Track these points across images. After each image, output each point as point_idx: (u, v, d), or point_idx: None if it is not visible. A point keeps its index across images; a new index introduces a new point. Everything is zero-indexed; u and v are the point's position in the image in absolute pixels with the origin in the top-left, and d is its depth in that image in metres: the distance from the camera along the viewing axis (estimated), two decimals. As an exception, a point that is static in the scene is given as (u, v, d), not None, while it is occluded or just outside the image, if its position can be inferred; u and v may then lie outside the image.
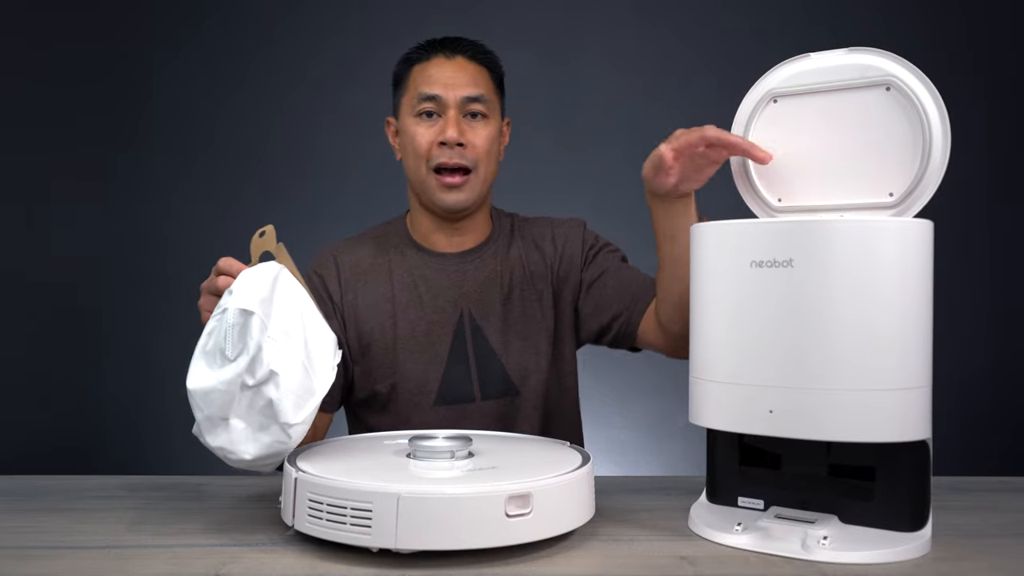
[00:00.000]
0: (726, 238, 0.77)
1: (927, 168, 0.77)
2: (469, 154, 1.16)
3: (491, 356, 1.19)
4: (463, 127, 1.16)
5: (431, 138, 1.16)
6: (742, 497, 0.84)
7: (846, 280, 0.71)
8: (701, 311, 0.80)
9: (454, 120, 1.15)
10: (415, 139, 1.17)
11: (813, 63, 0.84)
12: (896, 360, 0.71)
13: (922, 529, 0.76)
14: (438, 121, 1.17)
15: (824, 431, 0.72)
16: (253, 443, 0.81)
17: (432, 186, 1.17)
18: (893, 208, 0.79)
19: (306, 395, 0.82)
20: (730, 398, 0.77)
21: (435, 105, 1.16)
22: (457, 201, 1.17)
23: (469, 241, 1.24)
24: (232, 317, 0.80)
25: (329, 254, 1.24)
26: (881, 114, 0.80)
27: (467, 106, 1.17)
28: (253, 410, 0.81)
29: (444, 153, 1.15)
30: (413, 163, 1.18)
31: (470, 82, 1.17)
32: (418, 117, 1.17)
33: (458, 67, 1.18)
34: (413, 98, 1.18)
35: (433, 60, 1.19)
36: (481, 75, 1.20)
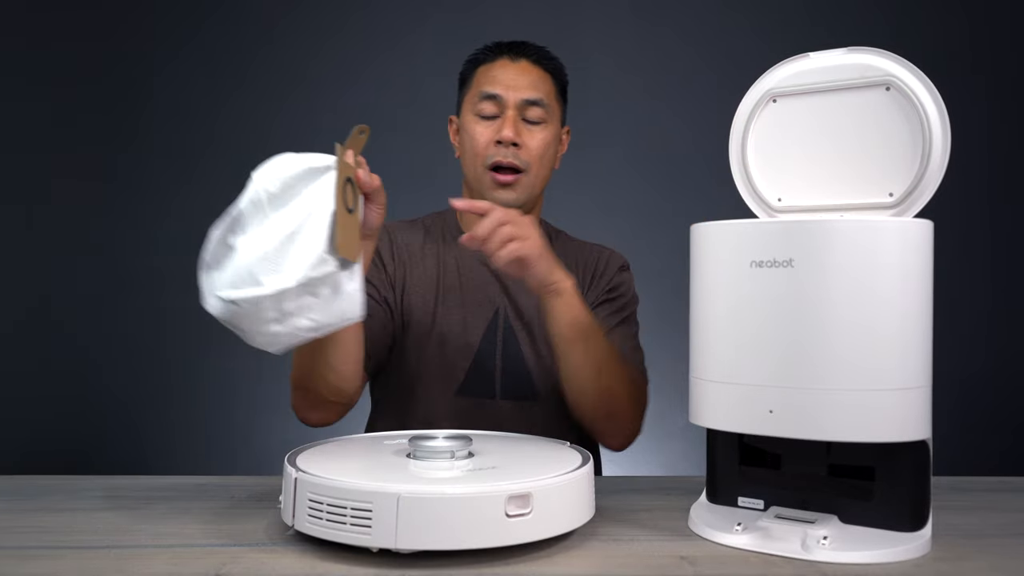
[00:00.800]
0: (726, 238, 0.77)
1: (927, 168, 0.77)
2: (523, 155, 1.18)
3: (518, 357, 1.20)
4: (520, 128, 1.18)
5: (489, 137, 1.19)
6: (742, 497, 0.84)
7: (846, 280, 0.71)
8: (701, 311, 0.80)
9: (512, 120, 1.18)
10: (474, 137, 1.20)
11: (813, 63, 0.84)
12: (896, 360, 0.71)
13: (922, 529, 0.76)
14: (496, 121, 1.19)
15: (824, 431, 0.72)
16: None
17: (486, 183, 1.19)
18: (893, 208, 0.79)
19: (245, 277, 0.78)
20: (730, 398, 0.77)
21: (495, 105, 1.19)
22: (507, 200, 1.19)
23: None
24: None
25: (384, 229, 1.25)
26: (881, 114, 0.80)
27: (526, 109, 1.19)
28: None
29: (499, 152, 1.18)
30: (470, 160, 1.21)
31: (531, 85, 1.20)
32: (478, 116, 1.20)
33: (521, 70, 1.21)
34: (475, 97, 1.20)
35: (498, 62, 1.22)
36: (543, 80, 1.22)
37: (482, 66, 1.23)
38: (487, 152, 1.18)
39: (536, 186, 1.21)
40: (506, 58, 1.22)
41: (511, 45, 1.23)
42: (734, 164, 0.89)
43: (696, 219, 0.83)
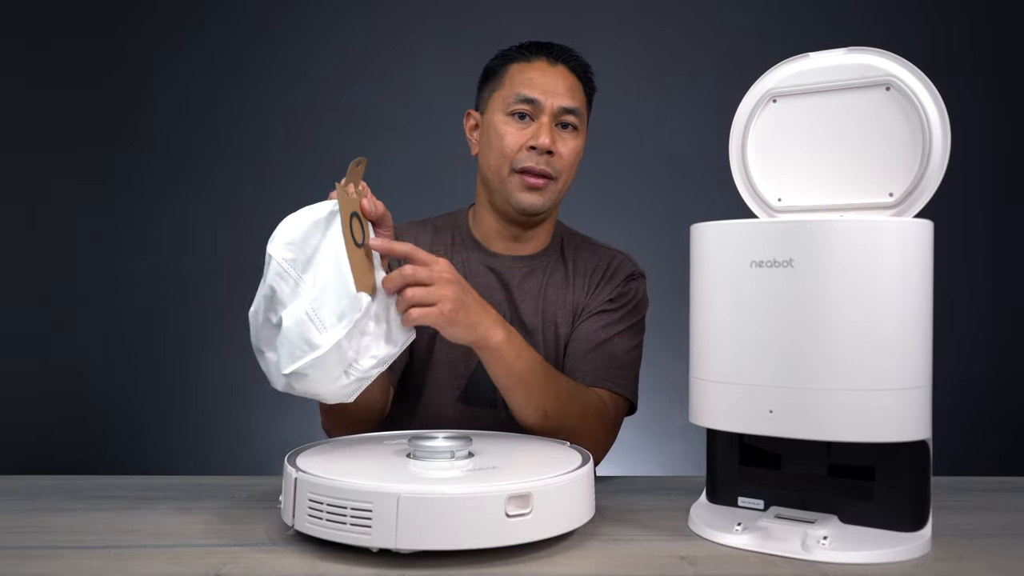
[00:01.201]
0: (726, 238, 0.78)
1: (927, 168, 0.77)
2: (556, 163, 1.16)
3: None
4: (555, 135, 1.16)
5: (521, 140, 1.15)
6: (742, 497, 0.84)
7: (846, 280, 0.71)
8: (701, 311, 0.80)
9: (548, 127, 1.15)
10: (504, 138, 1.16)
11: (813, 63, 0.84)
12: (896, 360, 0.71)
13: (922, 529, 0.76)
14: (530, 124, 1.16)
15: (824, 431, 0.72)
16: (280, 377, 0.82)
17: (513, 185, 1.16)
18: (893, 208, 0.79)
19: (301, 346, 0.80)
20: (730, 398, 0.77)
21: (531, 108, 1.16)
22: (534, 204, 1.16)
23: (527, 248, 1.24)
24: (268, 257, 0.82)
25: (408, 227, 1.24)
26: (881, 114, 0.80)
27: (561, 116, 1.17)
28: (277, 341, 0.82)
29: (531, 158, 1.15)
30: (496, 161, 1.17)
31: (568, 92, 1.17)
32: (510, 116, 1.16)
33: (559, 75, 1.18)
34: (508, 96, 1.17)
35: (535, 63, 1.19)
36: (578, 88, 1.20)
37: (516, 64, 1.19)
38: (518, 155, 1.15)
39: (561, 194, 1.20)
40: (545, 61, 1.18)
41: (549, 47, 1.20)
42: (734, 164, 0.89)
43: (696, 219, 0.83)
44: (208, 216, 2.57)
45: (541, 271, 1.23)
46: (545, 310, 1.21)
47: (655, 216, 2.47)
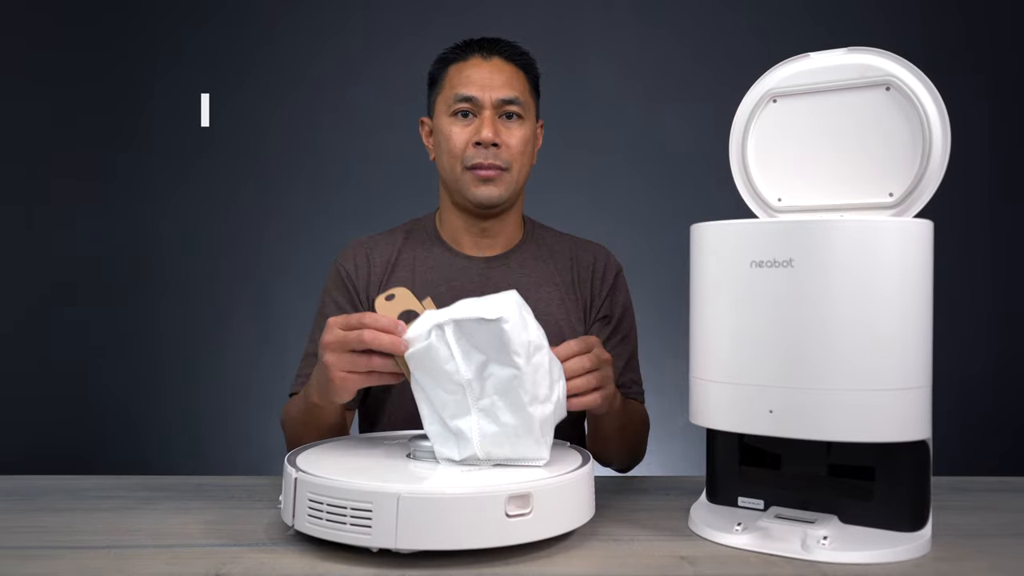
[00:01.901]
0: (726, 238, 0.77)
1: (927, 168, 0.77)
2: (503, 155, 1.17)
3: None
4: (498, 127, 1.16)
5: (466, 138, 1.16)
6: (742, 497, 0.84)
7: (846, 280, 0.71)
8: (701, 311, 0.80)
9: (489, 120, 1.16)
10: (450, 138, 1.17)
11: (813, 63, 0.83)
12: (896, 360, 0.71)
13: (922, 529, 0.76)
14: (473, 121, 1.17)
15: (824, 431, 0.72)
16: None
17: (467, 181, 1.17)
18: (893, 208, 0.79)
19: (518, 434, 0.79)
20: (730, 398, 0.77)
21: (471, 105, 1.17)
22: (490, 196, 1.17)
23: (498, 246, 1.24)
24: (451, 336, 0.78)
25: (362, 248, 1.24)
26: (881, 114, 0.80)
27: (502, 107, 1.17)
28: None
29: (479, 154, 1.16)
30: (448, 162, 1.19)
31: (506, 83, 1.18)
32: (453, 117, 1.18)
33: (494, 68, 1.19)
34: (449, 98, 1.18)
35: (470, 60, 1.20)
36: (517, 77, 1.20)
37: (453, 65, 1.20)
38: (465, 153, 1.16)
39: (519, 182, 1.20)
40: (478, 56, 1.19)
41: (482, 42, 1.21)
42: (734, 164, 0.89)
43: (696, 219, 0.83)
44: (208, 216, 2.56)
45: (517, 266, 1.24)
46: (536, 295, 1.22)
47: (655, 216, 2.47)
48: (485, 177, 1.16)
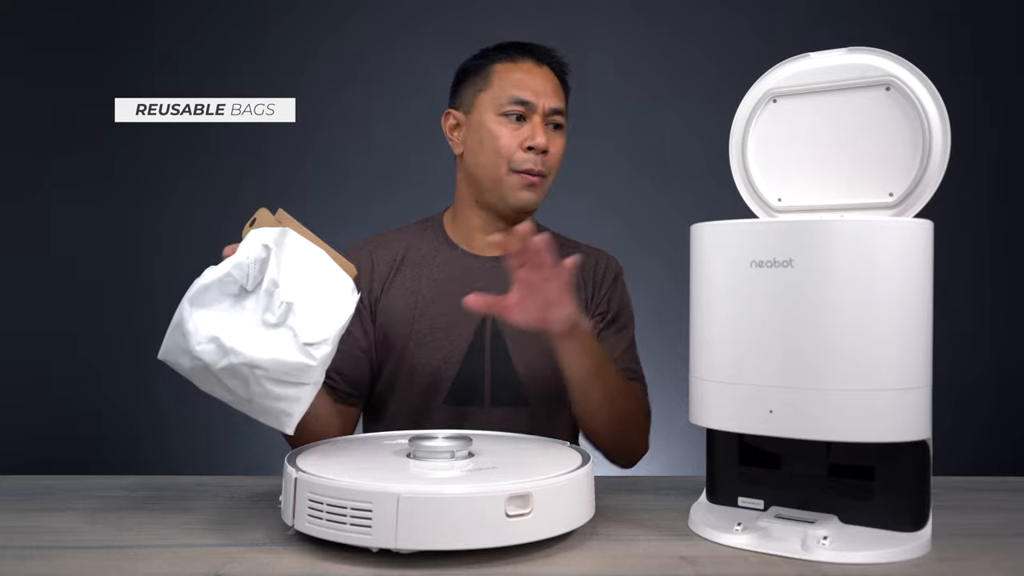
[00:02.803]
0: (726, 238, 0.77)
1: (927, 168, 0.77)
2: (548, 162, 1.19)
3: (507, 363, 1.19)
4: (548, 135, 1.19)
5: (516, 141, 1.17)
6: (742, 497, 0.84)
7: (846, 280, 0.71)
8: (701, 311, 0.80)
9: (542, 127, 1.18)
10: (500, 139, 1.18)
11: (813, 63, 0.84)
12: (895, 360, 0.71)
13: (922, 529, 0.76)
14: (523, 125, 1.18)
15: (824, 431, 0.72)
16: (278, 382, 0.82)
17: (511, 184, 1.18)
18: (893, 208, 0.79)
19: (325, 323, 0.83)
20: (730, 398, 0.77)
21: (525, 109, 1.18)
22: (530, 201, 1.19)
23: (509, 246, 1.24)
24: (253, 253, 0.82)
25: (366, 249, 1.25)
26: (881, 114, 0.80)
27: (551, 116, 1.20)
28: (275, 347, 0.81)
29: (529, 159, 1.17)
30: (491, 161, 1.18)
31: (555, 93, 1.21)
32: (504, 117, 1.18)
33: (545, 76, 1.21)
34: (500, 97, 1.19)
35: (521, 64, 1.21)
36: (560, 88, 1.23)
37: (501, 64, 1.21)
38: (514, 156, 1.17)
39: (549, 190, 1.23)
40: (531, 62, 1.21)
41: (532, 48, 1.22)
42: (734, 164, 0.89)
43: (696, 219, 0.83)
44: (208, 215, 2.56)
45: None
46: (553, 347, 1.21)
47: (654, 216, 2.47)
48: (531, 183, 1.18)
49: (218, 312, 0.82)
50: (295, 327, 0.81)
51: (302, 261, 0.87)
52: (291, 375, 0.81)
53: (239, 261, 0.83)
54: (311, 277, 0.86)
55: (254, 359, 0.80)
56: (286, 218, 0.90)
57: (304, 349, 0.81)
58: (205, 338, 0.81)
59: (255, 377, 0.81)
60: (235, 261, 0.83)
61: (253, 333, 0.81)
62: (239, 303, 0.83)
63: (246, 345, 0.80)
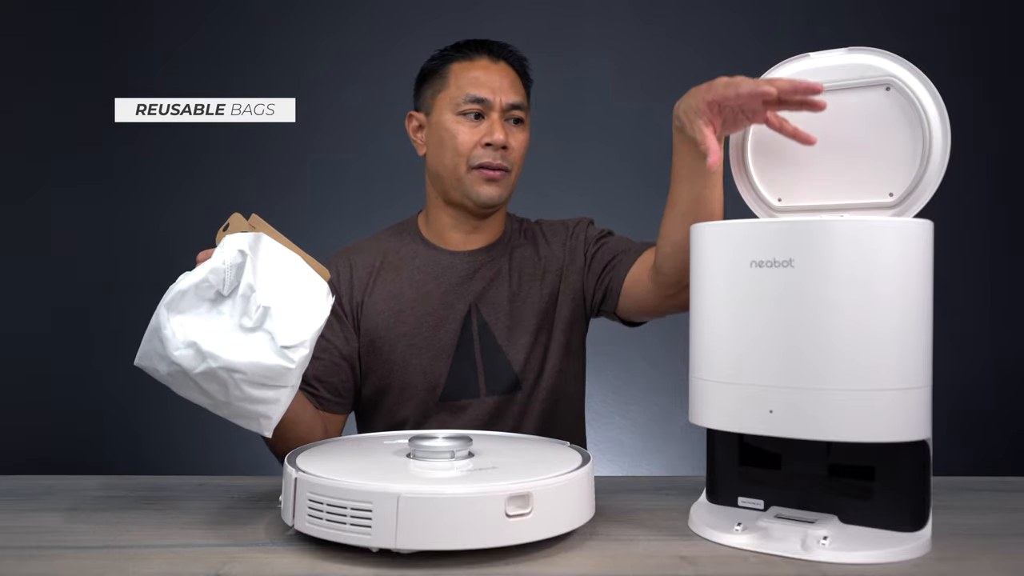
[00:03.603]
0: (726, 238, 0.77)
1: (927, 168, 0.77)
2: (509, 156, 1.19)
3: (497, 353, 1.20)
4: (507, 130, 1.19)
5: (475, 138, 1.18)
6: (742, 497, 0.84)
7: (846, 280, 0.71)
8: (701, 311, 0.80)
9: (500, 123, 1.19)
10: (457, 137, 1.18)
11: (813, 63, 0.84)
12: (896, 360, 0.71)
13: (922, 529, 0.76)
14: (481, 122, 1.19)
15: (824, 431, 0.72)
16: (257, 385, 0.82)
17: (472, 181, 1.19)
18: (893, 208, 0.79)
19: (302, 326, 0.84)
20: (730, 398, 0.77)
21: (481, 107, 1.19)
22: (492, 196, 1.19)
23: (483, 240, 1.26)
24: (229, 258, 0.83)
25: (344, 257, 1.26)
26: (881, 114, 0.80)
27: (510, 112, 1.20)
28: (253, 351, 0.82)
29: (488, 154, 1.18)
30: (451, 160, 1.19)
31: (512, 88, 1.21)
32: (461, 116, 1.19)
33: (502, 72, 1.21)
34: (457, 96, 1.19)
35: (477, 61, 1.21)
36: (519, 82, 1.23)
37: (458, 63, 1.22)
38: (473, 153, 1.18)
39: (515, 184, 1.23)
40: (486, 58, 1.21)
41: (488, 45, 1.23)
42: (734, 164, 0.89)
43: (696, 219, 0.83)
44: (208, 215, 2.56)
45: (501, 255, 1.25)
46: (513, 290, 1.23)
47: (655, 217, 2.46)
48: (491, 178, 1.18)
49: (195, 317, 0.83)
50: (272, 331, 0.82)
51: (277, 265, 0.87)
52: (269, 378, 0.82)
53: (215, 266, 0.83)
54: (287, 281, 0.87)
55: (232, 363, 0.80)
56: (260, 223, 0.90)
57: (282, 352, 0.82)
58: (183, 343, 0.81)
59: (233, 381, 0.81)
60: (211, 266, 0.83)
61: (230, 337, 0.82)
62: (216, 308, 0.84)
63: (224, 349, 0.81)
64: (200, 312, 0.83)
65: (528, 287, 1.23)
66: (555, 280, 1.24)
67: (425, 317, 1.20)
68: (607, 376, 2.42)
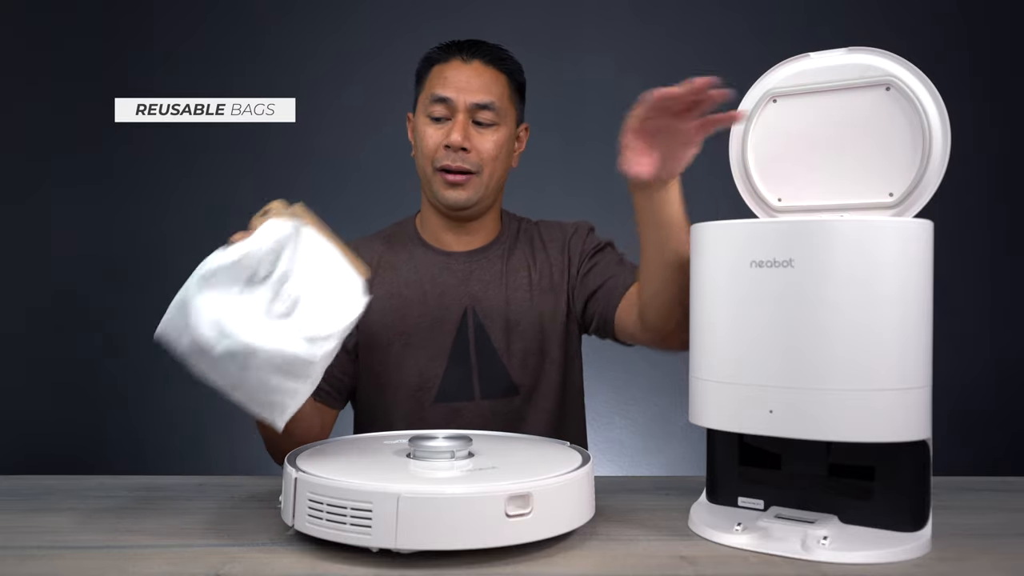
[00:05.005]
0: (726, 238, 0.78)
1: (927, 168, 0.77)
2: (472, 158, 1.17)
3: (493, 355, 1.20)
4: (470, 132, 1.17)
5: (438, 140, 1.18)
6: (742, 497, 0.84)
7: (846, 280, 0.71)
8: (701, 311, 0.80)
9: (461, 125, 1.17)
10: (424, 139, 1.19)
11: (813, 63, 0.84)
12: (895, 360, 0.71)
13: (922, 529, 0.76)
14: (447, 124, 1.18)
15: (824, 431, 0.72)
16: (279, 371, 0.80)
17: (436, 183, 1.19)
18: (893, 208, 0.79)
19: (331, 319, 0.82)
20: (730, 398, 0.77)
21: (445, 108, 1.18)
22: (457, 199, 1.18)
23: (477, 241, 1.26)
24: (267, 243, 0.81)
25: None
26: (881, 114, 0.80)
27: (476, 112, 1.18)
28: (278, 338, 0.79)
29: (448, 156, 1.17)
30: (421, 161, 1.21)
31: (482, 88, 1.18)
32: (429, 118, 1.19)
33: (473, 72, 1.19)
34: (427, 98, 1.20)
35: (451, 62, 1.20)
36: (496, 81, 1.20)
37: (436, 66, 1.21)
38: (436, 155, 1.18)
39: (490, 186, 1.20)
40: (459, 59, 1.20)
41: (465, 45, 1.22)
42: (734, 164, 0.89)
43: (696, 219, 0.83)
44: (208, 215, 2.56)
45: (498, 258, 1.25)
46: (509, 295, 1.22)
47: (655, 216, 2.46)
48: (453, 181, 1.17)
49: (225, 296, 0.80)
50: (301, 320, 0.80)
51: (315, 256, 0.85)
52: (291, 368, 0.79)
53: (251, 249, 0.81)
54: (322, 273, 0.85)
55: (255, 347, 0.78)
56: (303, 212, 0.88)
57: (307, 344, 0.79)
58: (208, 320, 0.78)
59: (254, 365, 0.79)
60: (247, 249, 0.81)
61: (258, 321, 0.79)
62: (247, 290, 0.81)
63: (249, 332, 0.78)
64: (231, 292, 0.80)
65: (524, 292, 1.23)
66: (551, 286, 1.23)
67: (422, 317, 1.20)
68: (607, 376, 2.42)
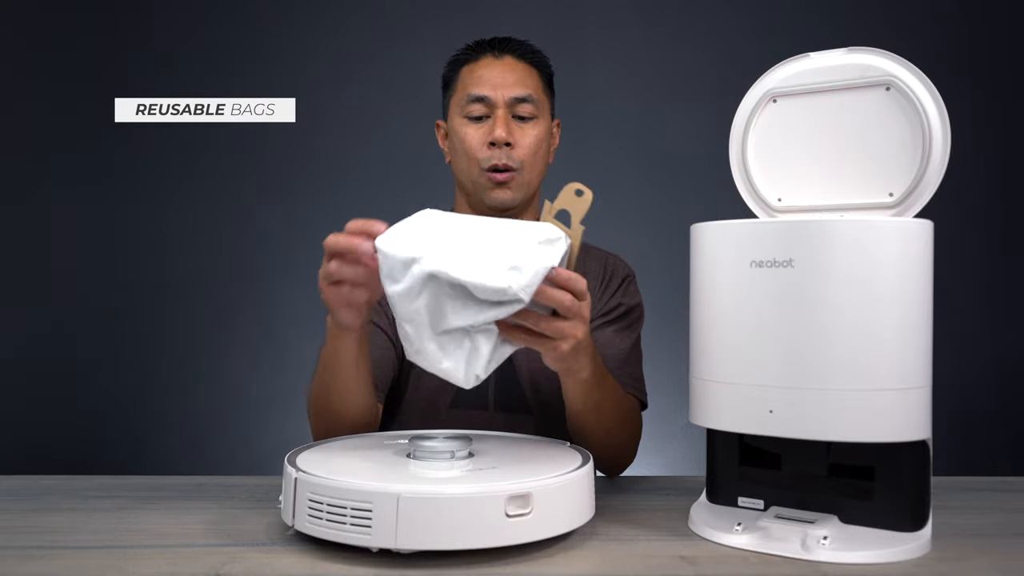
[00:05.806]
0: (726, 238, 0.77)
1: (927, 168, 0.77)
2: (516, 155, 1.16)
3: (511, 370, 1.18)
4: (511, 127, 1.16)
5: (481, 139, 1.16)
6: (742, 497, 0.84)
7: (846, 280, 0.71)
8: (701, 311, 0.80)
9: (503, 120, 1.16)
10: (465, 140, 1.17)
11: (813, 63, 0.83)
12: (895, 360, 0.71)
13: (922, 529, 0.76)
14: (487, 122, 1.17)
15: (824, 431, 0.72)
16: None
17: (483, 185, 1.17)
18: (893, 208, 0.79)
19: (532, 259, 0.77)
20: (730, 398, 0.77)
21: (484, 107, 1.17)
22: (503, 200, 1.17)
23: None
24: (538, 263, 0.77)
25: None
26: (881, 114, 0.80)
27: (515, 107, 1.17)
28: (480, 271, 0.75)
29: (494, 155, 1.16)
30: (465, 164, 1.18)
31: (518, 82, 1.18)
32: (467, 118, 1.18)
33: (506, 67, 1.18)
34: (462, 99, 1.18)
35: (481, 61, 1.20)
36: (530, 75, 1.20)
37: (466, 66, 1.20)
38: (481, 155, 1.16)
39: (532, 183, 1.20)
40: (490, 56, 1.19)
41: (493, 42, 1.21)
42: (734, 164, 0.89)
43: (696, 219, 0.83)
44: (208, 215, 2.56)
45: None
46: None
47: (655, 216, 2.47)
48: (499, 181, 1.16)
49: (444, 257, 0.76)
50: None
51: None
52: (491, 296, 0.74)
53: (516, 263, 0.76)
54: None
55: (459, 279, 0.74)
56: (577, 234, 0.85)
57: (509, 271, 0.75)
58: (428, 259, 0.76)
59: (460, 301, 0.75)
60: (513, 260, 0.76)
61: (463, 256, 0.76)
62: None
63: (453, 266, 0.75)
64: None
65: None
66: None
67: None
68: (607, 376, 2.42)
